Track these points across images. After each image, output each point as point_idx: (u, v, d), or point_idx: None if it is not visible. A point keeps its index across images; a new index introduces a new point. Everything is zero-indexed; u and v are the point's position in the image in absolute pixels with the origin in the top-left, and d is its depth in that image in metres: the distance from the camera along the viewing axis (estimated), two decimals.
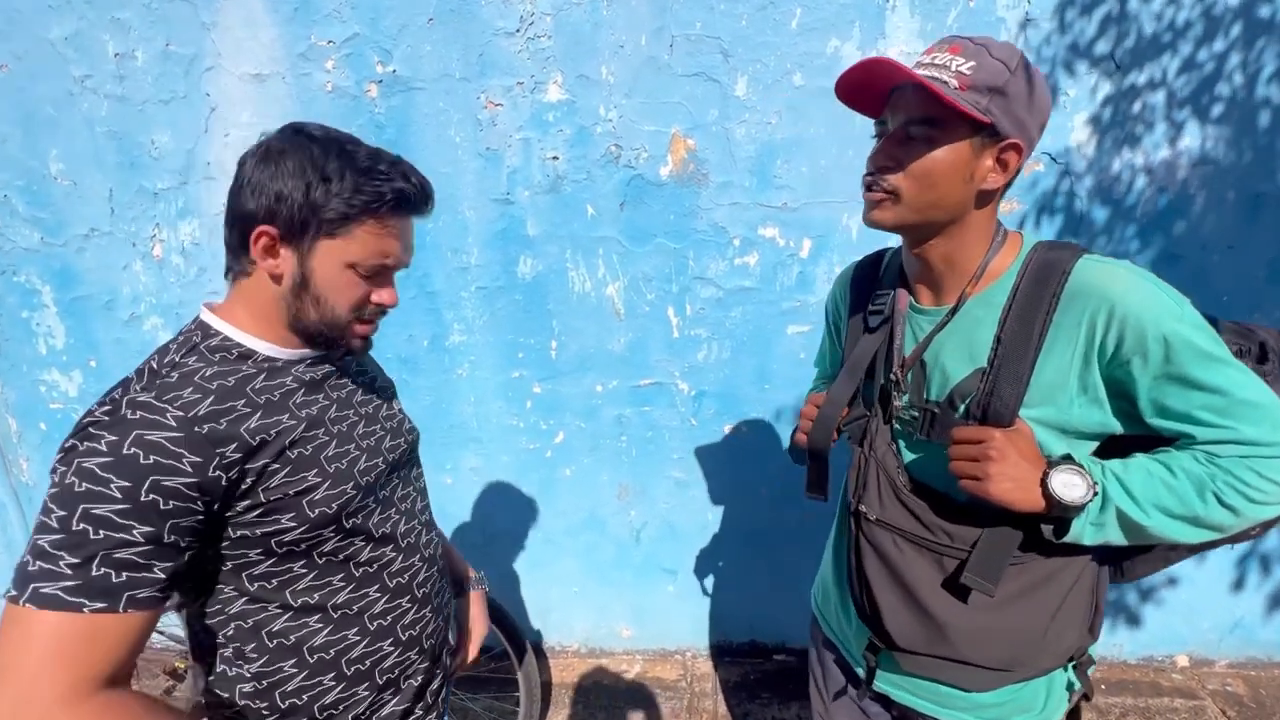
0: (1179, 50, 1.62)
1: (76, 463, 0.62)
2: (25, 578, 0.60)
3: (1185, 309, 0.74)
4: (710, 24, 1.69)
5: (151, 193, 1.95)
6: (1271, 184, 1.68)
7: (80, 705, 0.59)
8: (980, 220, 0.82)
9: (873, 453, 0.91)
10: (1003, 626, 0.84)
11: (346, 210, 0.71)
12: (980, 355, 0.81)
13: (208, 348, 0.73)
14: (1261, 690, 2.02)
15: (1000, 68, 0.73)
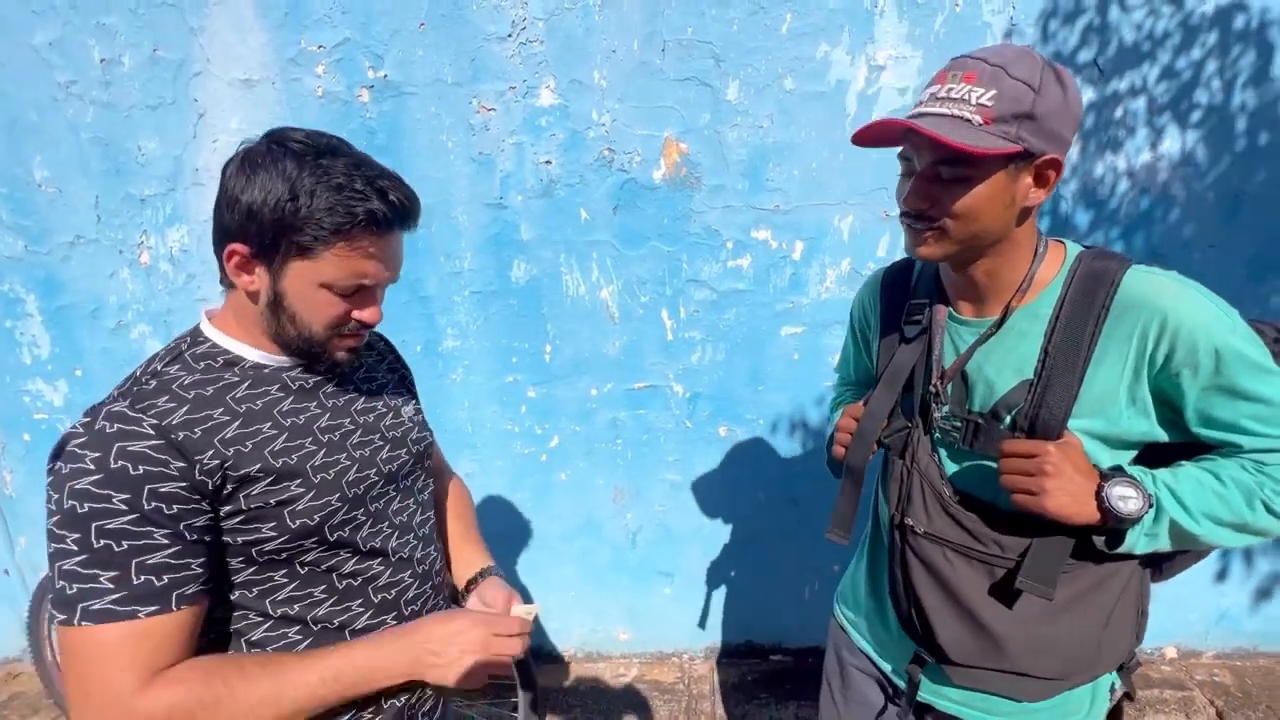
0: (1158, 58, 1.66)
1: (68, 486, 0.62)
2: (68, 601, 0.62)
3: (1235, 320, 0.75)
4: (701, 29, 1.70)
5: (139, 199, 1.93)
6: (1250, 184, 1.73)
7: (153, 688, 0.63)
8: (1023, 234, 0.81)
9: (915, 464, 0.90)
10: (1058, 636, 0.84)
11: (316, 233, 0.68)
12: (1026, 367, 0.81)
13: (193, 355, 0.73)
14: (1248, 680, 2.06)
15: (1023, 90, 0.70)
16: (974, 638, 0.87)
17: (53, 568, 0.62)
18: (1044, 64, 0.73)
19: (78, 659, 0.62)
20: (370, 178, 0.70)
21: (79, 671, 0.62)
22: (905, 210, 0.81)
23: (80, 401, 2.14)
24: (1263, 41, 1.63)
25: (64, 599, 0.62)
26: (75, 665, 0.63)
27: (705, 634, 2.27)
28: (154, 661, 0.63)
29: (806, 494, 2.06)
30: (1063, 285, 0.80)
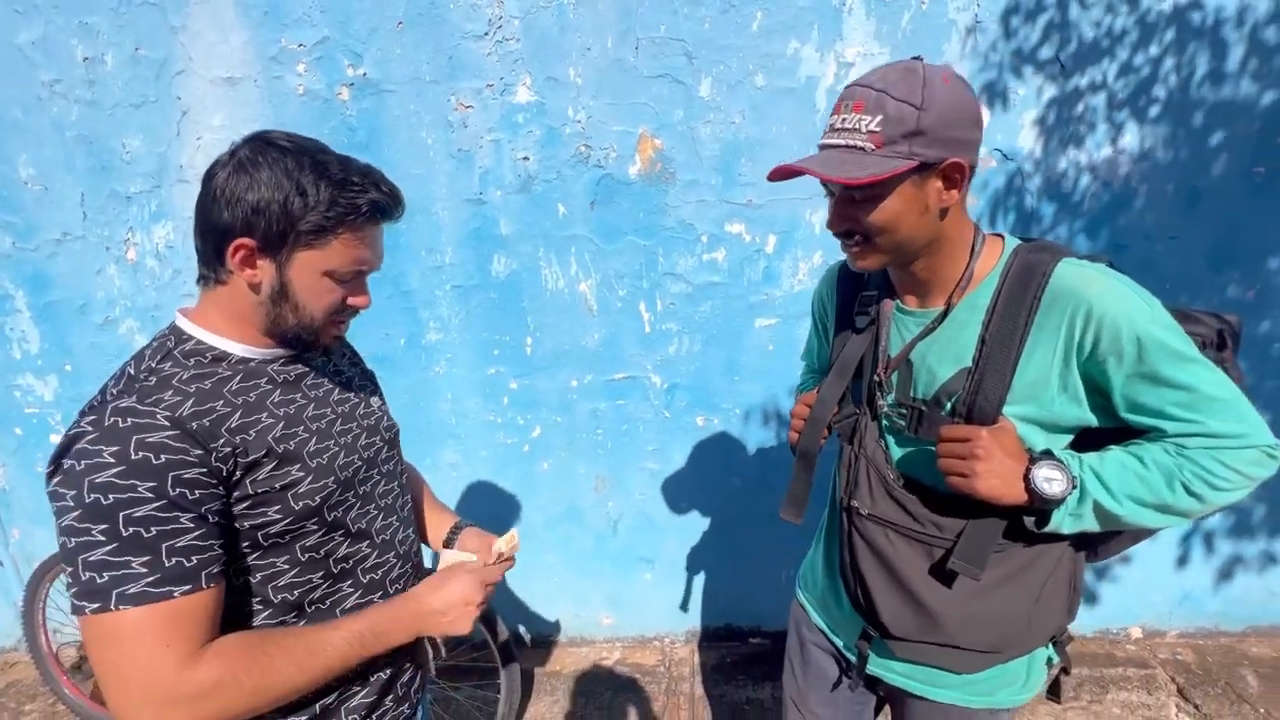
0: (1117, 54, 1.70)
1: (87, 480, 0.63)
2: (99, 590, 0.63)
3: (1156, 310, 0.79)
4: (674, 27, 1.74)
5: (124, 196, 1.96)
6: (1207, 178, 1.78)
7: (197, 663, 0.66)
8: (953, 232, 0.85)
9: (863, 450, 0.95)
10: (990, 612, 0.90)
11: (323, 223, 0.73)
12: (965, 355, 0.86)
13: (182, 352, 0.75)
14: (1208, 658, 2.13)
15: (907, 110, 0.75)
16: (913, 614, 0.92)
17: (75, 561, 0.63)
18: (925, 79, 0.76)
19: (114, 644, 0.64)
20: (363, 172, 0.77)
21: (116, 657, 0.64)
22: (834, 231, 0.86)
23: (70, 396, 2.18)
24: (1217, 39, 1.68)
25: (95, 588, 0.63)
26: (112, 651, 0.64)
27: (686, 618, 2.33)
28: (193, 638, 0.67)
29: (782, 481, 2.08)
30: (999, 277, 0.85)
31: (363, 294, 0.82)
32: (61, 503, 0.64)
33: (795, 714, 1.20)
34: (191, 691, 0.65)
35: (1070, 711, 1.96)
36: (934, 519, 0.89)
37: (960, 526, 0.87)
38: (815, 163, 0.80)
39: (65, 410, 2.21)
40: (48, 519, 2.34)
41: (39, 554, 2.36)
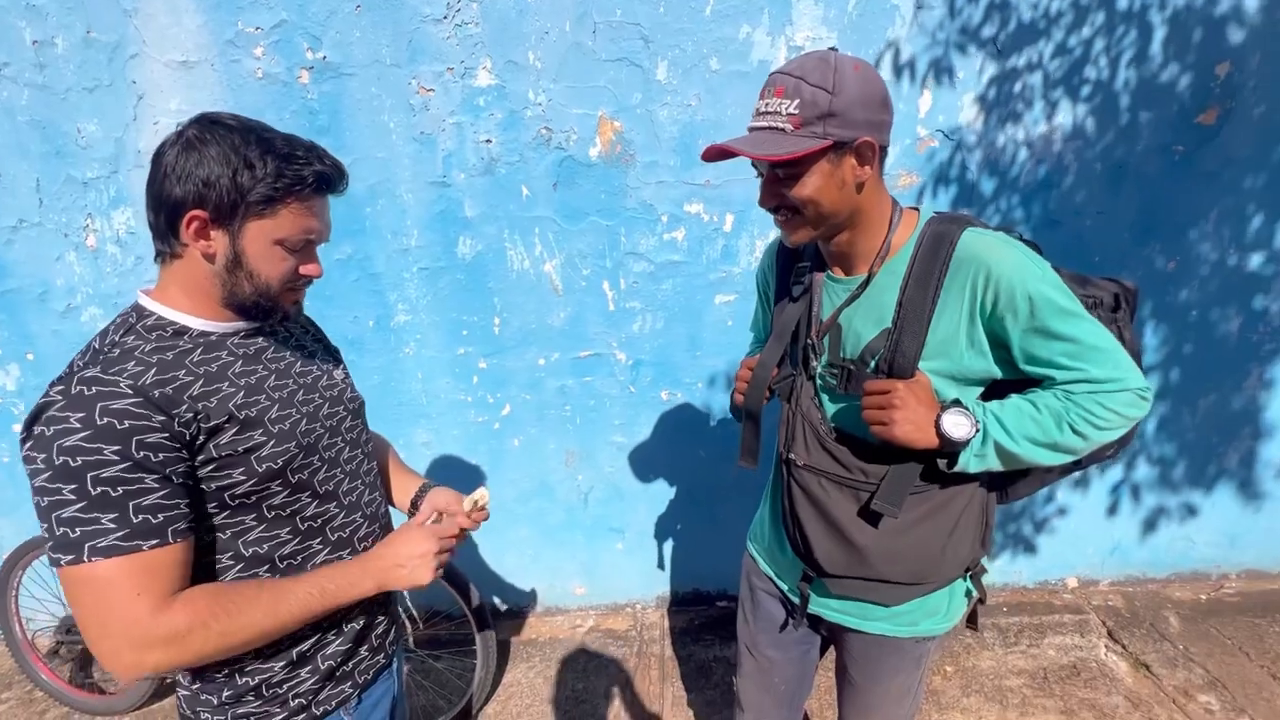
0: (1052, 36, 1.79)
1: (55, 444, 0.68)
2: (71, 544, 0.68)
3: (1046, 272, 0.88)
4: (630, 11, 1.78)
5: (81, 182, 1.95)
6: (1132, 155, 1.89)
7: (168, 609, 0.72)
8: (871, 206, 0.94)
9: (799, 407, 1.05)
10: (910, 546, 1.00)
11: (271, 193, 0.77)
12: (886, 318, 0.94)
13: (144, 327, 0.78)
14: (1136, 603, 2.31)
15: (821, 94, 0.83)
16: (843, 552, 1.03)
17: (49, 518, 0.68)
18: (836, 66, 0.84)
19: (90, 593, 0.70)
20: (307, 147, 0.81)
21: (93, 604, 0.70)
22: (765, 208, 0.96)
23: (34, 385, 2.17)
24: (1144, 22, 1.78)
25: (68, 542, 0.68)
26: (89, 599, 0.70)
27: (656, 585, 2.43)
28: (163, 588, 0.72)
29: None
30: (914, 246, 0.94)
31: (313, 262, 0.86)
32: (34, 465, 0.69)
33: (748, 657, 1.29)
34: (165, 634, 0.71)
35: (1011, 655, 2.12)
36: (861, 467, 0.99)
37: (884, 473, 0.97)
38: (742, 143, 0.88)
39: (29, 399, 2.20)
40: (14, 509, 2.34)
41: (8, 543, 2.36)
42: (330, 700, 0.91)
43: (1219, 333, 2.09)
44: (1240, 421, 2.18)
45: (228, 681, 0.84)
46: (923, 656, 1.11)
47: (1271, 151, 1.90)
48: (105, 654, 0.71)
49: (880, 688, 1.14)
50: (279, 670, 0.86)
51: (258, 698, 0.86)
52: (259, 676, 0.85)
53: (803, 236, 0.95)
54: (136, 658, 0.71)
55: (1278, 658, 2.03)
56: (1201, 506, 2.28)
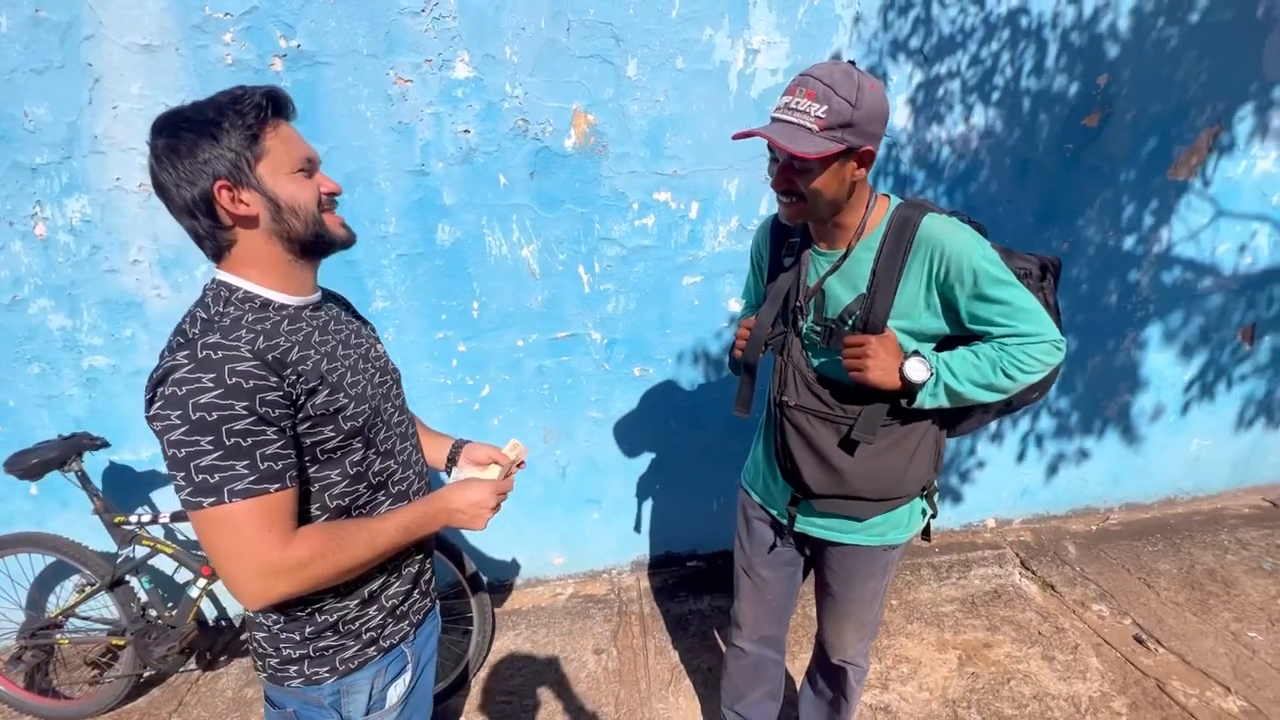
0: (968, 48, 2.07)
1: (191, 402, 0.76)
2: (210, 488, 0.77)
3: (987, 250, 1.11)
4: (602, 10, 1.90)
5: (29, 168, 1.87)
6: (1034, 153, 2.21)
7: (292, 543, 0.83)
8: (856, 196, 1.14)
9: (790, 358, 1.25)
10: (879, 467, 1.22)
11: (251, 132, 0.82)
12: (861, 284, 1.15)
13: (237, 299, 0.86)
14: (1042, 536, 2.69)
15: (846, 106, 1.00)
16: (826, 475, 1.24)
17: (186, 467, 0.77)
18: (859, 83, 1.02)
19: (230, 530, 0.79)
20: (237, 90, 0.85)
21: (231, 540, 0.79)
22: (774, 189, 1.13)
23: None
24: (1040, 39, 2.08)
25: (208, 486, 0.77)
26: (227, 536, 0.79)
27: (631, 550, 2.59)
28: (286, 526, 0.83)
29: (710, 419, 2.41)
30: (885, 226, 1.15)
31: (329, 181, 0.92)
32: (167, 422, 0.77)
33: (745, 579, 1.51)
34: (292, 564, 0.82)
35: (944, 587, 2.43)
36: (841, 405, 1.20)
37: (858, 410, 1.19)
38: (774, 132, 1.04)
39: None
40: None
41: None
42: (394, 635, 1.02)
43: (1103, 303, 2.47)
44: (1120, 377, 2.59)
45: (309, 619, 0.94)
46: (889, 564, 1.34)
47: (1140, 149, 2.27)
48: (241, 583, 0.81)
49: (854, 594, 1.36)
50: (353, 608, 0.97)
51: (334, 633, 0.96)
52: (336, 614, 0.96)
53: (799, 217, 1.15)
54: (267, 585, 0.82)
55: (1150, 570, 2.44)
56: (1092, 451, 2.69)
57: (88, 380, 2.09)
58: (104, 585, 1.95)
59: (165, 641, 1.99)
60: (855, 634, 1.45)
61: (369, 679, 0.99)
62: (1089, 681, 1.98)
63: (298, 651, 0.95)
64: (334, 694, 0.96)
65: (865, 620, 1.42)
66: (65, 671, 2.22)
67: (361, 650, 0.98)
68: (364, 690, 0.99)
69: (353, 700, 0.98)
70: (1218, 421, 2.71)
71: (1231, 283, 2.50)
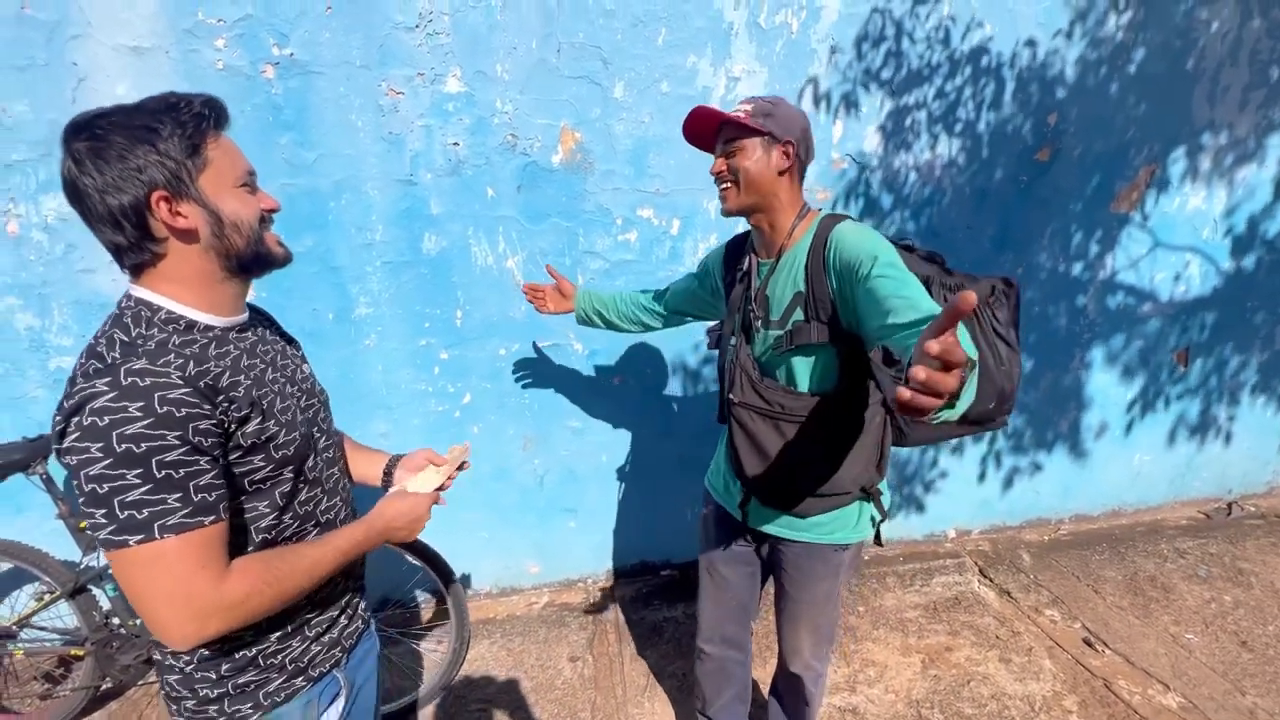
0: (934, 82, 2.22)
1: (114, 433, 0.70)
2: (137, 524, 0.72)
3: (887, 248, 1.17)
4: (591, 35, 1.98)
5: (4, 164, 1.84)
6: (991, 183, 2.37)
7: (228, 579, 0.79)
8: (786, 197, 1.25)
9: (738, 360, 1.34)
10: (810, 463, 1.29)
11: (192, 140, 0.78)
12: (799, 282, 1.25)
13: (160, 320, 0.80)
14: (1000, 546, 2.82)
15: (767, 104, 1.23)
16: (768, 469, 1.31)
17: (109, 504, 0.71)
18: (777, 99, 1.25)
19: (160, 569, 0.73)
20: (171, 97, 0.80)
21: (161, 579, 0.73)
22: (713, 175, 1.28)
23: None
24: (999, 76, 2.25)
25: (136, 523, 0.72)
26: (158, 575, 0.73)
27: (606, 559, 2.62)
28: (221, 560, 0.78)
29: (685, 429, 2.47)
30: (812, 235, 1.26)
31: (269, 198, 0.89)
32: (86, 455, 0.71)
33: (707, 577, 1.59)
34: (228, 602, 0.78)
35: (908, 594, 2.53)
36: (779, 402, 1.29)
37: (795, 404, 1.27)
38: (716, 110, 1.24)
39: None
40: None
41: None
42: (325, 662, 0.98)
43: (1053, 325, 2.63)
44: (1068, 395, 2.76)
45: (225, 656, 0.88)
46: (840, 566, 1.40)
47: (1085, 184, 2.45)
48: (171, 627, 0.76)
49: (808, 595, 1.42)
50: (274, 641, 0.92)
51: (255, 667, 0.90)
52: (255, 649, 0.90)
53: (733, 203, 1.27)
54: (199, 626, 0.77)
55: (1098, 578, 2.59)
56: (1045, 465, 2.84)
57: (55, 382, 2.04)
58: (65, 593, 1.89)
59: (129, 651, 1.93)
60: (811, 638, 1.49)
61: (300, 711, 0.93)
62: (1042, 682, 2.09)
63: (215, 691, 0.88)
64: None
65: (821, 624, 1.47)
66: (16, 685, 2.13)
67: (288, 681, 0.93)
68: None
69: None
70: (1156, 438, 2.90)
71: (1168, 308, 2.70)
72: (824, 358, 1.25)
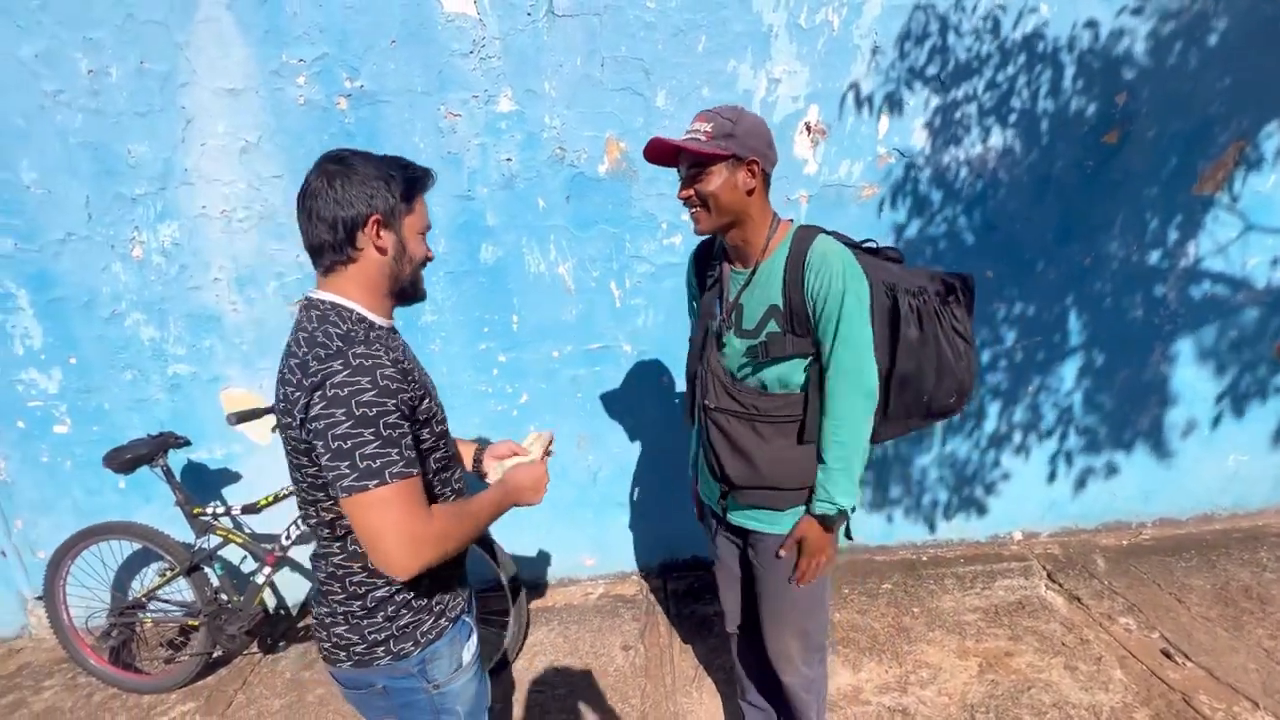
0: (984, 73, 2.15)
1: (354, 399, 0.91)
2: (374, 472, 0.92)
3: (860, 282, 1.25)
4: (633, 48, 2.06)
5: (129, 198, 2.13)
6: (1052, 170, 2.27)
7: (434, 519, 0.99)
8: (756, 212, 1.29)
9: (710, 367, 1.39)
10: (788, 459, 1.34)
11: (410, 192, 1.04)
12: (773, 296, 1.29)
13: (353, 320, 1.00)
14: (1071, 550, 2.69)
15: (726, 123, 1.21)
16: (745, 466, 1.36)
17: (350, 458, 0.91)
18: (740, 111, 1.24)
19: (389, 508, 0.93)
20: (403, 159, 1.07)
21: (390, 516, 0.93)
22: (681, 199, 1.30)
23: (76, 388, 2.32)
24: (1057, 61, 2.15)
25: (372, 471, 0.91)
26: (386, 512, 0.93)
27: (659, 553, 2.70)
28: (426, 503, 0.98)
29: None
30: (788, 247, 1.29)
31: (429, 249, 1.13)
32: (330, 419, 0.91)
33: (717, 567, 1.65)
34: (434, 536, 0.97)
35: (968, 597, 2.46)
36: (753, 404, 1.33)
37: (766, 405, 1.32)
38: (674, 138, 1.25)
39: (70, 402, 2.34)
40: (50, 509, 2.46)
41: (42, 543, 2.49)
42: (456, 607, 1.18)
43: (1129, 318, 2.48)
44: (1149, 392, 2.59)
45: (386, 603, 1.09)
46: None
47: (1162, 166, 2.30)
48: (397, 556, 0.94)
49: (788, 595, 1.44)
50: (422, 590, 1.11)
51: (409, 610, 1.10)
52: (409, 596, 1.10)
53: (705, 225, 1.30)
54: (416, 554, 0.95)
55: (1182, 586, 2.42)
56: (1121, 466, 2.68)
57: (172, 386, 2.34)
58: (182, 570, 2.17)
59: (234, 622, 2.19)
60: (798, 643, 1.50)
61: (448, 646, 1.14)
62: (1111, 693, 1.99)
63: (383, 634, 1.08)
64: (420, 663, 1.10)
65: (807, 629, 1.48)
66: (146, 650, 2.45)
67: (436, 623, 1.12)
68: (445, 656, 1.13)
69: (437, 666, 1.12)
70: (1254, 437, 2.67)
71: (1264, 296, 2.48)
72: (798, 362, 1.30)
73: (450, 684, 1.14)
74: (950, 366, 1.36)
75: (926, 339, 1.33)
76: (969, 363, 1.39)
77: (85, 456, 2.39)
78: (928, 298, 1.33)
